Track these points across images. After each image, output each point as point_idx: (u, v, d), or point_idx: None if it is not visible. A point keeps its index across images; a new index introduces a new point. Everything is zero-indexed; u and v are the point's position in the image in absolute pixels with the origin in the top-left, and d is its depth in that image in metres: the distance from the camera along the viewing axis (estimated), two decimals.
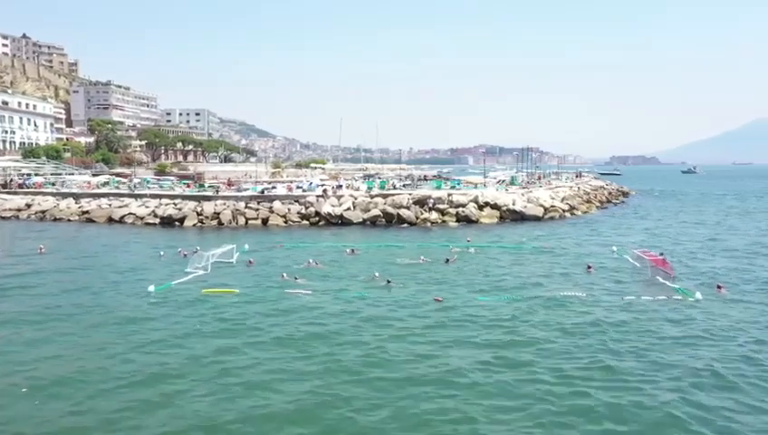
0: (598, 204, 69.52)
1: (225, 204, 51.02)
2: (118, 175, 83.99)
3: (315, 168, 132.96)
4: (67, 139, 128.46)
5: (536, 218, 52.02)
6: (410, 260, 30.86)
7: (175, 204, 52.50)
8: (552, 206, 55.95)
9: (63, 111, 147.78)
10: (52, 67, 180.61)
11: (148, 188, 61.46)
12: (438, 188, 60.30)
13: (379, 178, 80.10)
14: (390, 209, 49.94)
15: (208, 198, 52.87)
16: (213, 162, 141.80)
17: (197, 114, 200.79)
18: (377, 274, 26.43)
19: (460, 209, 50.77)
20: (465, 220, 49.76)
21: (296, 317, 20.35)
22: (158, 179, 75.95)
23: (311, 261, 29.78)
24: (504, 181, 73.78)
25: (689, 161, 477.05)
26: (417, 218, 49.33)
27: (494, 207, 52.38)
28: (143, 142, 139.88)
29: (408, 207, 50.38)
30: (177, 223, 49.29)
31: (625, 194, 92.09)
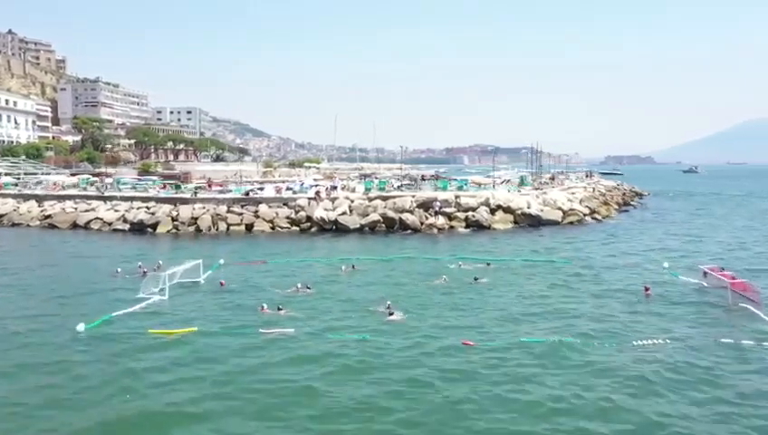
0: (615, 206, 63.78)
1: (204, 208, 44.92)
2: (99, 174, 77.97)
3: (309, 167, 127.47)
4: (53, 137, 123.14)
5: (554, 223, 46.42)
6: (428, 282, 24.82)
7: (148, 207, 46.29)
8: (570, 209, 50.17)
9: (50, 109, 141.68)
10: (38, 64, 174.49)
11: (119, 189, 55.12)
12: (444, 189, 54.41)
13: (377, 177, 74.31)
14: (392, 214, 44.07)
15: (186, 201, 46.70)
16: (205, 162, 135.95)
17: (189, 112, 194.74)
18: (389, 303, 20.40)
19: (470, 213, 44.96)
20: (476, 226, 43.99)
21: (267, 375, 14.40)
22: (139, 180, 69.75)
23: (299, 285, 23.63)
24: (508, 181, 68.23)
25: (684, 161, 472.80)
26: (422, 224, 43.52)
27: (507, 210, 46.59)
28: (132, 141, 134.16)
29: (411, 211, 44.54)
30: (149, 229, 43.29)
31: (639, 195, 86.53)
